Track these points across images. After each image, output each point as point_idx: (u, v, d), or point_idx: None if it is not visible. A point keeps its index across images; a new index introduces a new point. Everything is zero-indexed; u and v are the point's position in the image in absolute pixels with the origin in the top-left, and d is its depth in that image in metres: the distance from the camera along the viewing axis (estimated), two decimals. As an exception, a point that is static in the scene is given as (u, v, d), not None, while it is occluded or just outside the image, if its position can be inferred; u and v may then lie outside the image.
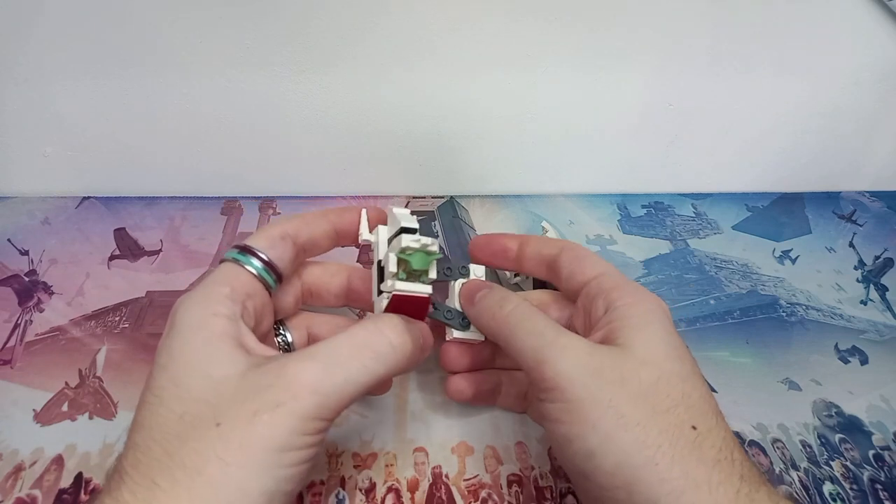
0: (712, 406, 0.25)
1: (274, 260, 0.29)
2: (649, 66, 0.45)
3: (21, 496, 0.31)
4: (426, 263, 0.30)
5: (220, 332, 0.25)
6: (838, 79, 0.48)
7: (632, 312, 0.27)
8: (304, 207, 0.49)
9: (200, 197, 0.49)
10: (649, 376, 0.25)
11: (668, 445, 0.23)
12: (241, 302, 0.27)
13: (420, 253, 0.30)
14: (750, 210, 0.53)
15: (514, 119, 0.47)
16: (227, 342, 0.25)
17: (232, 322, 0.26)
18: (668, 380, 0.25)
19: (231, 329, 0.25)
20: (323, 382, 0.24)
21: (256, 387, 0.23)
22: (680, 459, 0.23)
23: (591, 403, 0.24)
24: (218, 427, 0.22)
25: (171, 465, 0.22)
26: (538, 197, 0.52)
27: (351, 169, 0.49)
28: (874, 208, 0.54)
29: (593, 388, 0.25)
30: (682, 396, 0.25)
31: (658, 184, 0.53)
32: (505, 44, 0.42)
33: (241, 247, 0.29)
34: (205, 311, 0.26)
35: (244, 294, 0.27)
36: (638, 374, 0.25)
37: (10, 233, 0.45)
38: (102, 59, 0.41)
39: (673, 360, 0.26)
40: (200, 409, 0.23)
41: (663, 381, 0.25)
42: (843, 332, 0.43)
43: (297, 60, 0.42)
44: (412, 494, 0.32)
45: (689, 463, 0.23)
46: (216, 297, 0.26)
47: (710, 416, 0.25)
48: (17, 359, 0.37)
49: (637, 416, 0.24)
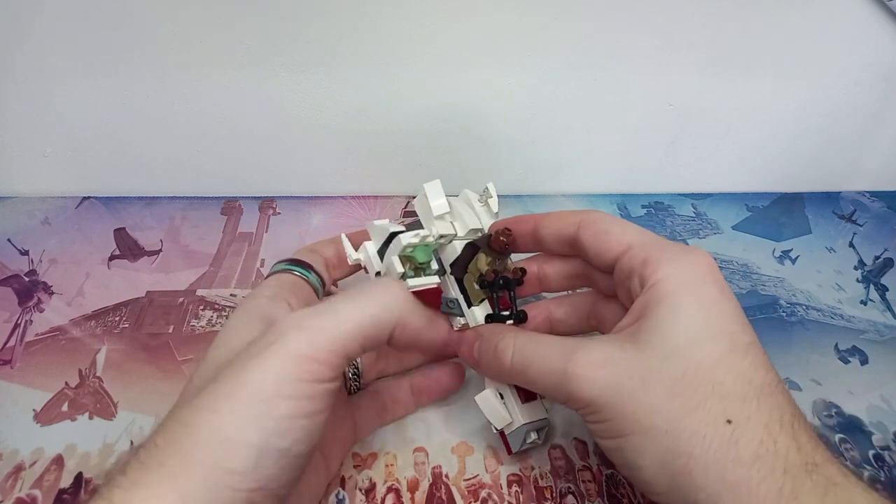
0: (754, 385, 0.23)
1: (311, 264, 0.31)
2: (649, 66, 0.45)
3: (21, 496, 0.31)
4: (428, 254, 0.30)
5: (252, 311, 0.27)
6: (838, 79, 0.47)
7: (661, 291, 0.25)
8: (304, 207, 0.49)
9: (200, 197, 0.49)
10: (674, 372, 0.23)
11: (700, 450, 0.22)
12: (286, 287, 0.29)
13: (421, 246, 0.30)
14: (750, 210, 0.53)
15: (513, 119, 0.47)
16: (254, 315, 0.26)
17: (270, 300, 0.27)
18: (695, 371, 0.23)
19: (265, 306, 0.27)
20: (309, 319, 0.23)
21: (256, 340, 0.24)
22: (714, 463, 0.22)
23: (621, 420, 0.24)
24: (215, 382, 0.22)
25: (172, 424, 0.22)
26: (538, 197, 0.52)
27: (351, 169, 0.49)
28: (874, 208, 0.54)
29: (618, 404, 0.24)
30: (713, 387, 0.23)
31: (658, 184, 0.53)
32: (505, 43, 0.42)
33: (282, 260, 0.31)
34: (249, 299, 0.28)
35: (290, 284, 0.29)
36: (660, 373, 0.23)
37: (10, 233, 0.45)
38: (102, 59, 0.41)
39: (703, 342, 0.24)
40: (211, 374, 0.24)
41: (690, 373, 0.23)
42: (843, 332, 0.43)
43: (297, 60, 0.42)
44: (412, 494, 0.32)
45: (724, 465, 0.21)
46: (261, 288, 0.29)
47: (748, 400, 0.22)
48: (17, 359, 0.37)
49: (663, 424, 0.23)
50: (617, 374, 0.24)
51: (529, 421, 0.32)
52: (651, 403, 0.23)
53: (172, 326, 0.39)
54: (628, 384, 0.24)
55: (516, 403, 0.32)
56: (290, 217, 0.48)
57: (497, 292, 0.32)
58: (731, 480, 0.21)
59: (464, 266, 0.32)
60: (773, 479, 0.21)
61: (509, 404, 0.32)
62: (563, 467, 0.34)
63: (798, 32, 0.44)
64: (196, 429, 0.21)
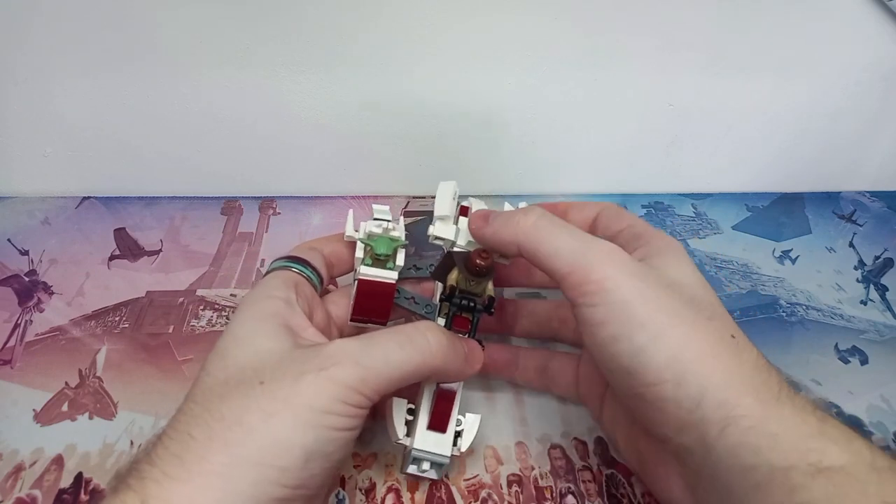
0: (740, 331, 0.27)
1: (310, 261, 0.31)
2: (649, 66, 0.45)
3: (21, 496, 0.31)
4: (389, 248, 0.30)
5: (272, 312, 0.27)
6: (838, 79, 0.47)
7: (661, 245, 0.29)
8: (304, 207, 0.49)
9: (200, 197, 0.49)
10: (689, 290, 0.27)
11: (711, 345, 0.25)
12: (293, 287, 0.29)
13: (383, 238, 0.30)
14: (750, 210, 0.53)
15: (514, 119, 0.47)
16: (276, 320, 0.26)
17: (287, 305, 0.27)
18: (703, 296, 0.27)
19: (283, 311, 0.27)
20: (362, 355, 0.25)
21: (301, 356, 0.25)
22: (723, 360, 0.25)
23: (641, 303, 0.25)
24: (262, 384, 0.23)
25: (209, 419, 0.22)
26: (538, 197, 0.51)
27: (351, 169, 0.49)
28: (874, 208, 0.54)
29: (643, 288, 0.26)
30: (720, 312, 0.27)
31: (658, 184, 0.53)
32: (505, 44, 0.42)
33: (281, 258, 0.31)
34: (260, 295, 0.28)
35: (294, 282, 0.29)
36: (680, 284, 0.27)
37: (10, 233, 0.45)
38: (102, 59, 0.41)
39: (705, 286, 0.28)
40: (244, 373, 0.24)
41: (699, 296, 0.27)
42: (843, 332, 0.43)
43: (297, 60, 0.42)
44: (412, 494, 0.32)
45: (731, 363, 0.25)
46: (270, 285, 0.28)
47: (742, 334, 0.26)
48: (17, 359, 0.37)
49: (686, 316, 0.25)
50: (646, 269, 0.27)
51: (422, 450, 0.29)
52: (675, 299, 0.26)
53: (172, 326, 0.39)
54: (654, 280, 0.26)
55: (422, 426, 0.30)
56: (290, 217, 0.48)
57: (454, 310, 0.31)
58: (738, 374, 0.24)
59: (442, 273, 0.32)
60: (772, 384, 0.24)
61: (414, 423, 0.30)
62: (563, 467, 0.34)
63: (798, 32, 0.44)
64: (249, 428, 0.22)
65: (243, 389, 0.23)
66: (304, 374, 0.23)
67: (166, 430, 0.23)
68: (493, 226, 0.30)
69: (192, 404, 0.23)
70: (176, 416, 0.24)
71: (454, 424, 0.30)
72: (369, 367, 0.25)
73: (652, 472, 0.29)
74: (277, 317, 0.27)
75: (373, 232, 0.30)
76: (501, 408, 0.36)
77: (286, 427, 0.22)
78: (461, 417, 0.31)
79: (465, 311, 0.31)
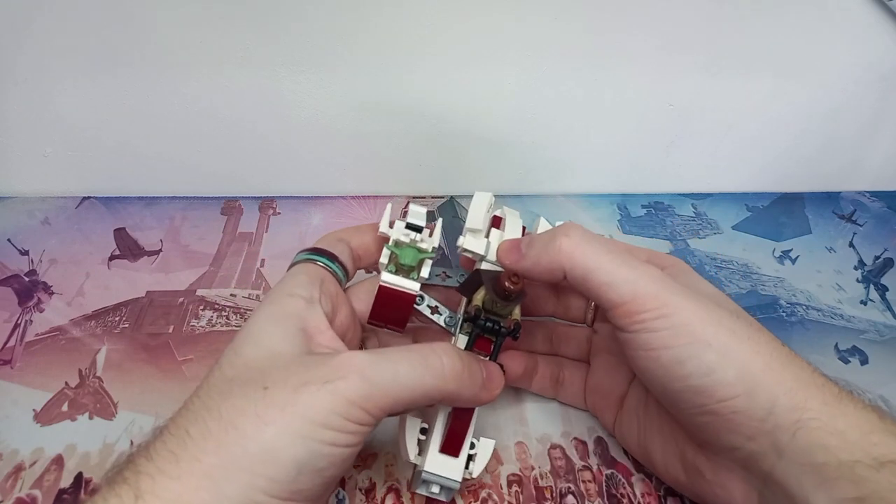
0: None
1: (337, 254, 0.31)
2: (649, 66, 0.45)
3: (21, 496, 0.31)
4: (414, 260, 0.29)
5: (291, 312, 0.26)
6: (838, 79, 0.48)
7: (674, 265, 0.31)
8: (304, 207, 0.49)
9: (200, 197, 0.49)
10: (725, 303, 0.29)
11: (771, 355, 0.26)
12: (317, 284, 0.28)
13: (410, 249, 0.29)
14: (750, 210, 0.53)
15: (514, 119, 0.47)
16: (293, 321, 0.26)
17: (308, 305, 0.27)
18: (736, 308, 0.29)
19: (303, 311, 0.27)
20: (371, 370, 0.24)
21: (309, 364, 0.24)
22: (781, 366, 0.26)
23: (703, 323, 0.26)
24: (265, 390, 0.23)
25: (207, 417, 0.22)
26: (538, 197, 0.52)
27: (351, 169, 0.49)
28: (874, 208, 0.54)
29: (701, 310, 0.26)
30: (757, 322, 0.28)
31: (658, 184, 0.53)
32: (505, 43, 0.42)
33: (306, 249, 0.31)
34: (282, 292, 0.27)
35: (319, 278, 0.29)
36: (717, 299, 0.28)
37: (10, 233, 0.45)
38: (102, 59, 0.41)
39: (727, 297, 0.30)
40: (251, 374, 0.24)
41: (733, 307, 0.29)
42: (843, 332, 0.43)
43: (297, 60, 0.42)
44: (412, 494, 0.32)
45: (793, 369, 0.26)
46: (294, 282, 0.28)
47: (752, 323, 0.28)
48: (17, 359, 0.37)
49: (744, 331, 0.26)
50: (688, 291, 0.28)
51: (433, 473, 0.28)
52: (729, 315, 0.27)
53: (172, 326, 0.39)
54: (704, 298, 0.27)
55: (434, 447, 0.29)
56: (290, 217, 0.48)
57: (477, 332, 0.30)
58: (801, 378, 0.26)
59: (469, 289, 0.31)
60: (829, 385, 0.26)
61: (426, 443, 0.29)
62: (563, 467, 0.34)
63: (798, 32, 0.44)
64: (243, 433, 0.22)
65: (246, 391, 0.23)
66: (307, 384, 0.23)
67: (168, 424, 0.23)
68: (531, 256, 0.29)
69: (195, 399, 0.24)
70: (179, 410, 0.24)
71: (468, 447, 0.29)
72: (376, 384, 0.24)
73: (709, 481, 0.28)
74: (295, 318, 0.26)
75: (400, 241, 0.29)
76: (501, 407, 0.36)
77: (278, 437, 0.22)
78: (475, 440, 0.30)
79: (488, 333, 0.30)
